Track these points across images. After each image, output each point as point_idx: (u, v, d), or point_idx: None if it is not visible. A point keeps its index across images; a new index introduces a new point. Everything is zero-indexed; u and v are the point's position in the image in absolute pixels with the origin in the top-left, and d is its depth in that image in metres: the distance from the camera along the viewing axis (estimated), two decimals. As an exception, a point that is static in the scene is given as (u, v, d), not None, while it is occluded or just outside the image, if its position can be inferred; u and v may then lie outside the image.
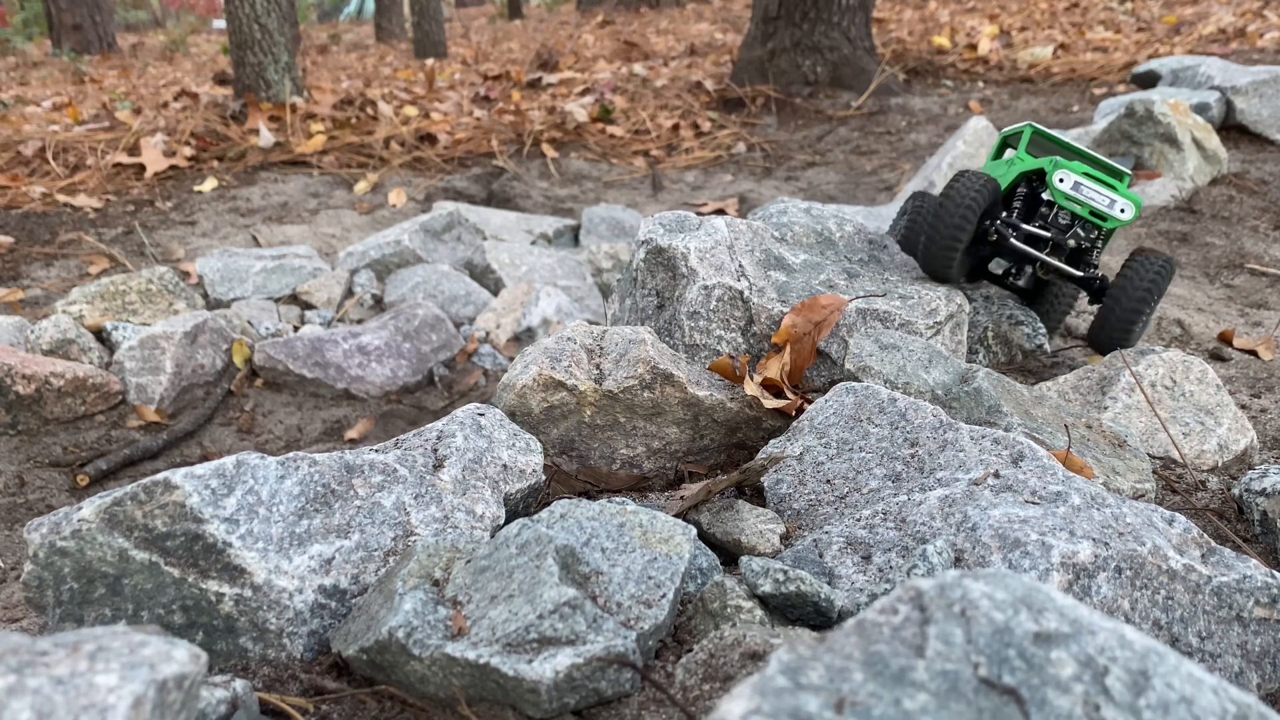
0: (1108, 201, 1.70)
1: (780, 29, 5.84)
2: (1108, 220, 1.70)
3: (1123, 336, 1.77)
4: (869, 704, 0.57)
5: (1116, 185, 1.73)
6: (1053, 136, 1.89)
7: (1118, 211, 1.70)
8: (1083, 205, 1.70)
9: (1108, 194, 1.70)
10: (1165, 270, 1.74)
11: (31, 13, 13.58)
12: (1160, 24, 6.84)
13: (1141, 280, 1.74)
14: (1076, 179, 1.71)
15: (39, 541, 1.09)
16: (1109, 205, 1.70)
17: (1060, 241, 1.74)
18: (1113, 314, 1.75)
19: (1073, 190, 1.70)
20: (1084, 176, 1.71)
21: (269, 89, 5.23)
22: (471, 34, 12.07)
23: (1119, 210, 1.70)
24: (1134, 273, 1.73)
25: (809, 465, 1.38)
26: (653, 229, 1.69)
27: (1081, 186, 1.71)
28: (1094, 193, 1.70)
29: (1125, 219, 1.70)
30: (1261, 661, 1.08)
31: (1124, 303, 1.73)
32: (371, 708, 0.99)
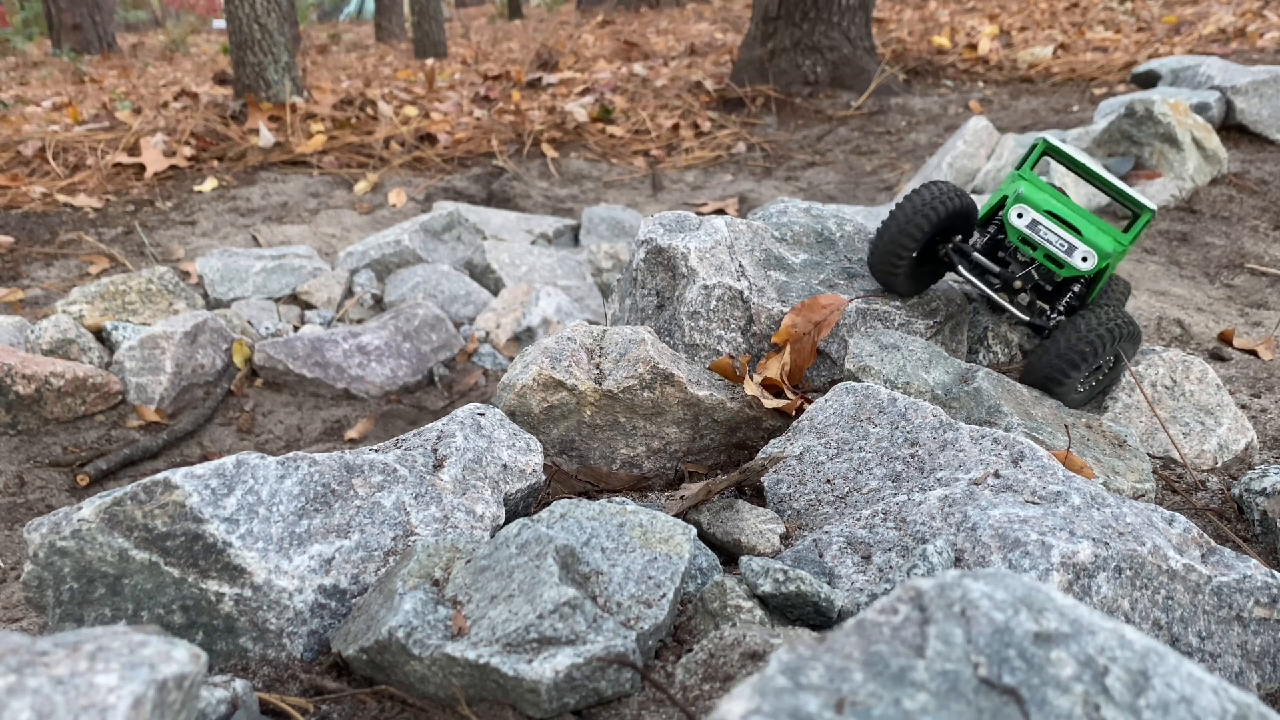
0: (1065, 247, 1.51)
1: (780, 29, 5.84)
2: (1064, 267, 1.52)
3: (1053, 378, 1.56)
4: (869, 704, 0.57)
5: (1084, 229, 1.53)
6: (1069, 156, 1.66)
7: (1077, 260, 1.51)
8: (1037, 247, 1.53)
9: (1067, 237, 1.51)
10: (1117, 330, 1.52)
11: (31, 13, 13.58)
12: (1160, 24, 6.84)
13: (1087, 330, 1.52)
14: (1035, 216, 1.53)
15: (39, 541, 1.09)
16: (1066, 251, 1.51)
17: (1008, 279, 1.58)
18: (1046, 353, 1.55)
19: (1028, 229, 1.53)
20: (1046, 215, 1.53)
21: (269, 89, 5.23)
22: (471, 34, 12.07)
23: (1079, 259, 1.51)
24: (1082, 321, 1.54)
25: (809, 465, 1.38)
26: (653, 229, 1.69)
27: (1039, 226, 1.53)
28: (1051, 234, 1.52)
29: (1084, 269, 1.51)
30: (1261, 661, 1.08)
31: (1059, 346, 1.53)
32: (371, 708, 0.99)
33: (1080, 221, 1.54)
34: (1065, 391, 1.57)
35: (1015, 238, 1.54)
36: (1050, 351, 1.54)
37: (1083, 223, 1.54)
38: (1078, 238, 1.51)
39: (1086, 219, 1.57)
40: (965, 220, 1.60)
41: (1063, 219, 1.53)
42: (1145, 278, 2.68)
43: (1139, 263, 2.80)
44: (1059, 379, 1.55)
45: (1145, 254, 2.88)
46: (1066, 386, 1.56)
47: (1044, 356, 1.55)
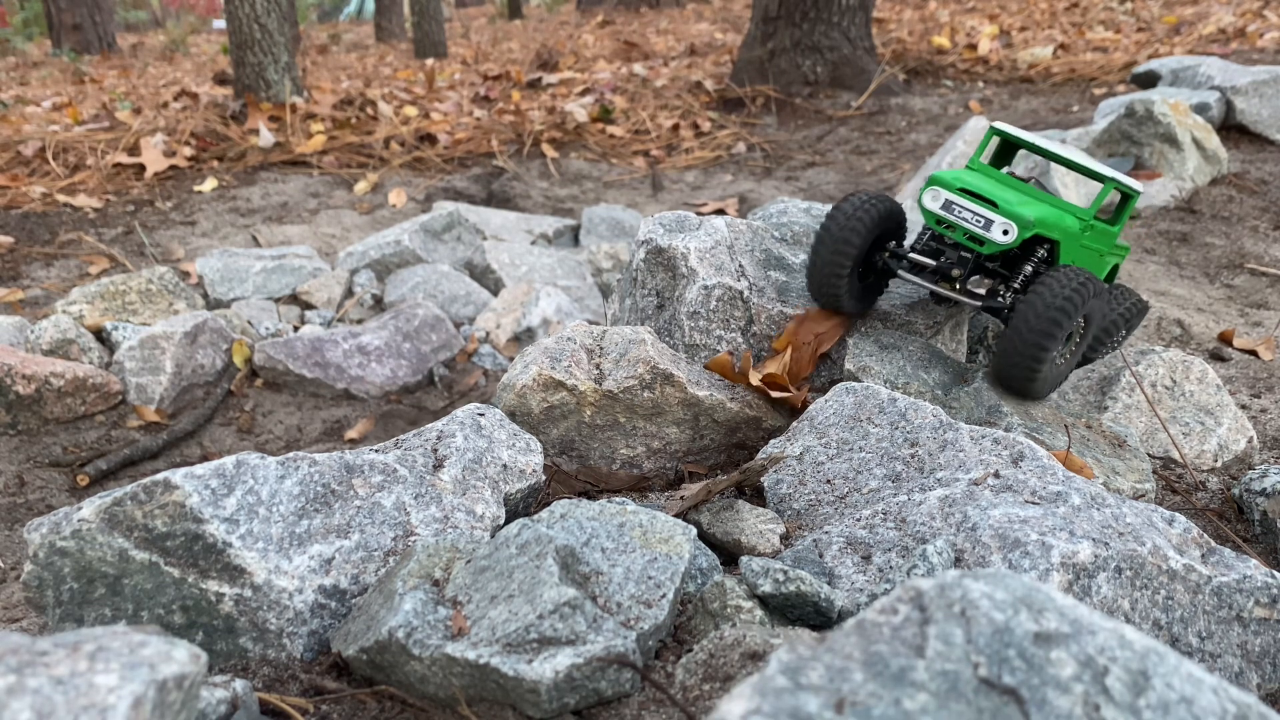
0: (981, 222, 1.43)
1: (780, 29, 5.84)
2: (985, 244, 1.44)
3: (1022, 377, 1.45)
4: (869, 704, 0.57)
5: (1002, 200, 1.43)
6: (1021, 139, 1.59)
7: (996, 234, 1.42)
8: (955, 228, 1.46)
9: (981, 212, 1.43)
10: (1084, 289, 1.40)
11: (31, 13, 13.58)
12: (1160, 24, 6.84)
13: (1053, 299, 1.39)
14: (948, 196, 1.46)
15: (39, 541, 1.09)
16: (983, 226, 1.43)
17: (944, 269, 1.51)
18: (1009, 346, 1.43)
19: (942, 210, 1.46)
20: (959, 193, 1.46)
21: (269, 89, 5.23)
22: (471, 34, 12.07)
23: (997, 232, 1.42)
24: (1046, 290, 1.40)
25: (809, 465, 1.38)
26: (653, 229, 1.69)
27: (953, 205, 1.46)
28: (965, 211, 1.44)
29: (1005, 241, 1.42)
30: (1261, 661, 1.08)
31: (1023, 333, 1.41)
32: (371, 708, 0.99)
33: (1001, 193, 1.45)
34: (1042, 371, 1.44)
35: (931, 221, 1.49)
36: (1011, 345, 1.42)
37: (1004, 194, 1.45)
38: (994, 210, 1.43)
39: (1012, 191, 1.49)
40: (895, 223, 1.56)
41: (979, 194, 1.45)
42: (1145, 278, 2.68)
43: (1139, 263, 2.80)
44: (1027, 376, 1.43)
45: (1145, 254, 2.88)
46: (1040, 383, 1.45)
47: (1012, 339, 1.42)
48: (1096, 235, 1.57)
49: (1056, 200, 1.53)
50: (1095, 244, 1.58)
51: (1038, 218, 1.43)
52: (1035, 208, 1.46)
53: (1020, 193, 1.52)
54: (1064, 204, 1.53)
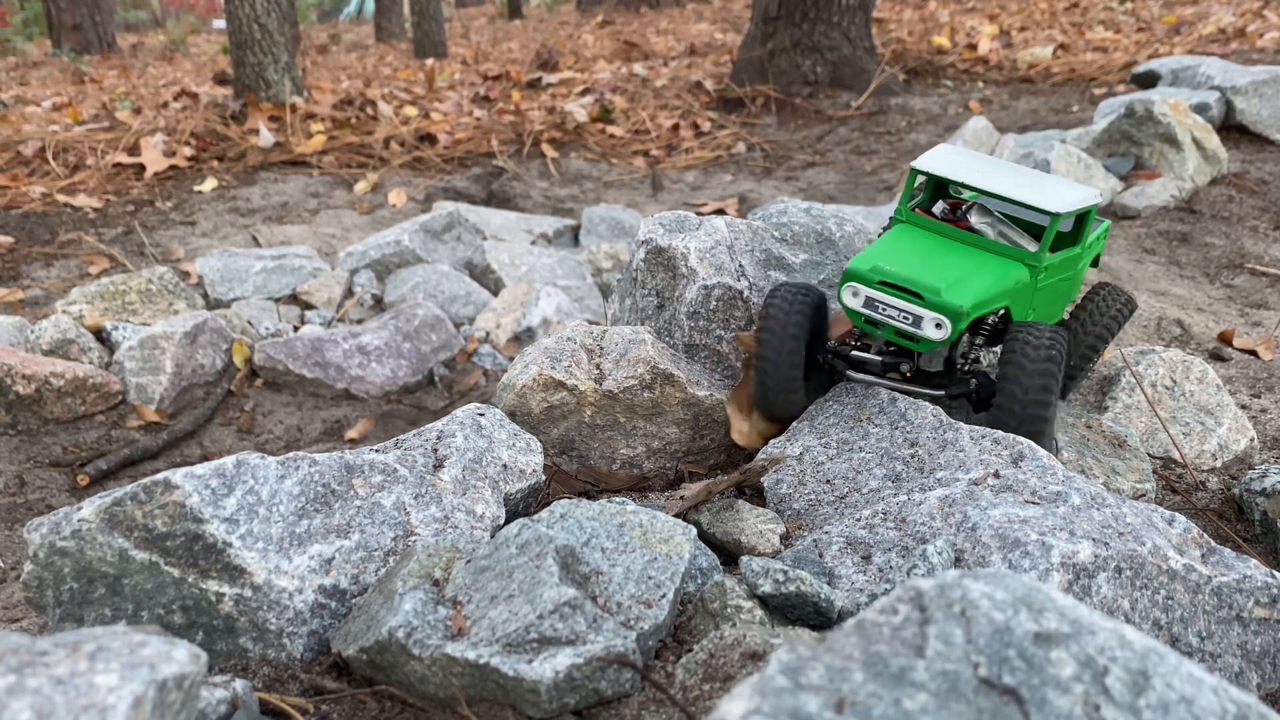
0: (909, 319, 1.27)
1: (780, 29, 5.84)
2: (920, 341, 1.29)
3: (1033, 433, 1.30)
4: (869, 704, 0.57)
5: (928, 289, 1.25)
6: (946, 179, 1.41)
7: (930, 330, 1.26)
8: (883, 326, 1.31)
9: (909, 309, 1.26)
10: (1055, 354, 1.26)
11: (31, 13, 13.58)
12: (1160, 24, 6.84)
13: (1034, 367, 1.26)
14: (869, 293, 1.29)
15: (39, 541, 1.09)
16: (913, 324, 1.27)
17: (891, 367, 1.38)
18: (1007, 425, 1.29)
19: (865, 309, 1.30)
20: (879, 288, 1.29)
21: (269, 89, 5.23)
22: (471, 34, 12.07)
23: (930, 328, 1.26)
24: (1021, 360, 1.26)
25: (809, 465, 1.38)
26: (653, 229, 1.69)
27: (876, 303, 1.29)
28: (891, 309, 1.28)
29: (938, 338, 1.26)
30: (1261, 661, 1.08)
31: (1016, 410, 1.28)
32: (371, 708, 0.99)
33: (927, 277, 1.27)
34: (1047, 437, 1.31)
35: (858, 322, 1.33)
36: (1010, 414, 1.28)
37: (931, 278, 1.27)
38: (921, 304, 1.26)
39: (941, 265, 1.31)
40: (823, 313, 1.42)
41: (901, 285, 1.28)
42: (1145, 278, 2.68)
43: (1139, 263, 2.80)
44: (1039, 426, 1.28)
45: (1145, 254, 2.88)
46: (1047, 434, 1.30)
47: (1008, 421, 1.28)
48: (1056, 269, 1.40)
49: (998, 246, 1.35)
50: (1058, 275, 1.43)
51: (974, 302, 1.26)
52: (970, 285, 1.28)
53: (953, 260, 1.33)
54: (1007, 250, 1.35)
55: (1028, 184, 1.37)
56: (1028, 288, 1.35)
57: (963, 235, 1.38)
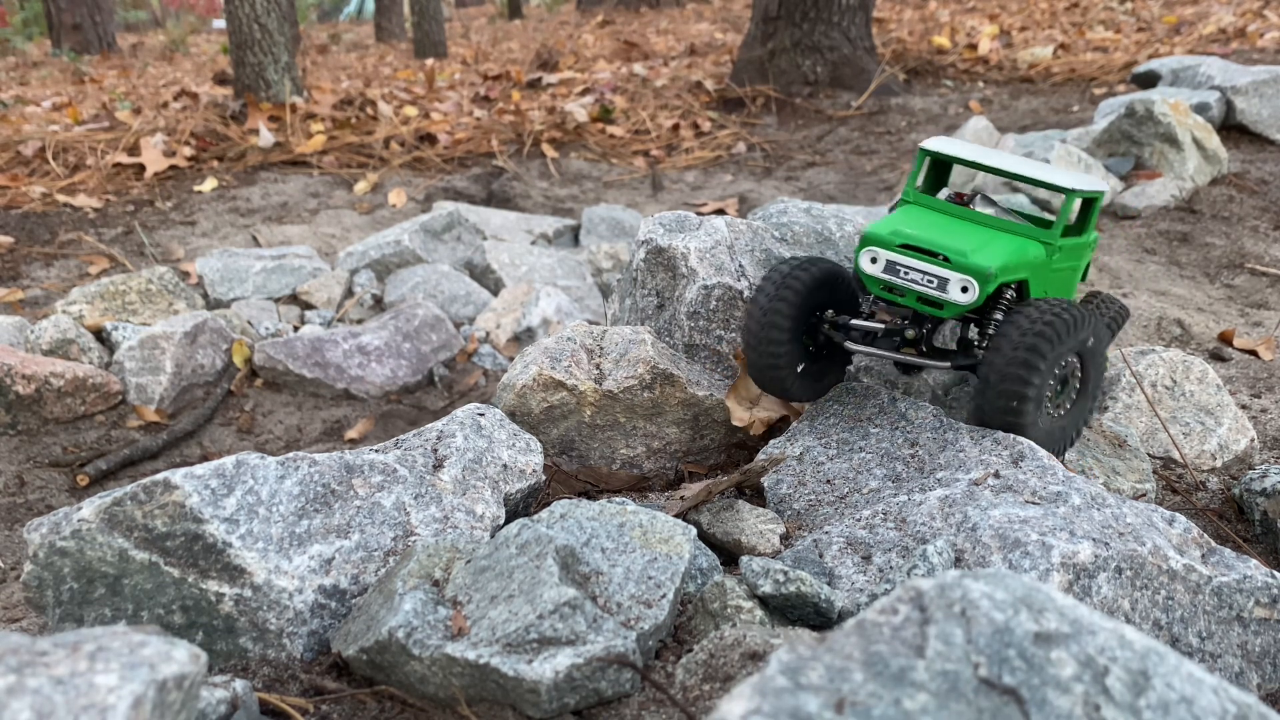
0: (935, 282, 1.23)
1: (780, 29, 5.84)
2: (945, 307, 1.24)
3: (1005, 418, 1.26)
4: (869, 704, 0.57)
5: (954, 251, 1.23)
6: (956, 156, 1.40)
7: (955, 294, 1.22)
8: (906, 292, 1.27)
9: (935, 271, 1.23)
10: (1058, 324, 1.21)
11: (31, 13, 13.58)
12: (1160, 24, 6.84)
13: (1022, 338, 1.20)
14: (889, 257, 1.26)
15: (39, 541, 1.09)
16: (938, 287, 1.23)
17: (900, 333, 1.33)
18: (985, 389, 1.25)
19: (885, 274, 1.27)
20: (901, 251, 1.26)
21: (269, 89, 5.23)
22: (471, 34, 12.06)
23: (956, 291, 1.22)
24: (1014, 328, 1.22)
25: (809, 465, 1.38)
26: (653, 229, 1.69)
27: (898, 267, 1.26)
28: (914, 273, 1.25)
29: (967, 300, 1.22)
30: (1262, 661, 1.08)
31: (993, 379, 1.23)
32: (371, 708, 0.99)
33: (951, 241, 1.25)
34: (1029, 417, 1.24)
35: (876, 289, 1.29)
36: (992, 369, 1.22)
37: (955, 242, 1.25)
38: (946, 265, 1.23)
39: (963, 232, 1.30)
40: (839, 286, 1.38)
41: (925, 248, 1.25)
42: (1145, 278, 2.68)
43: (1139, 263, 2.80)
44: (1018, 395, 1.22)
45: (1145, 254, 2.88)
46: (1029, 406, 1.23)
47: (987, 381, 1.24)
48: (1067, 254, 1.40)
49: (1011, 225, 1.34)
50: (1068, 262, 1.41)
51: (1000, 265, 1.24)
52: (994, 250, 1.26)
53: (972, 230, 1.32)
54: (1021, 228, 1.34)
55: (1038, 167, 1.38)
56: (1044, 265, 1.34)
57: (975, 215, 1.36)
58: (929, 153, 1.41)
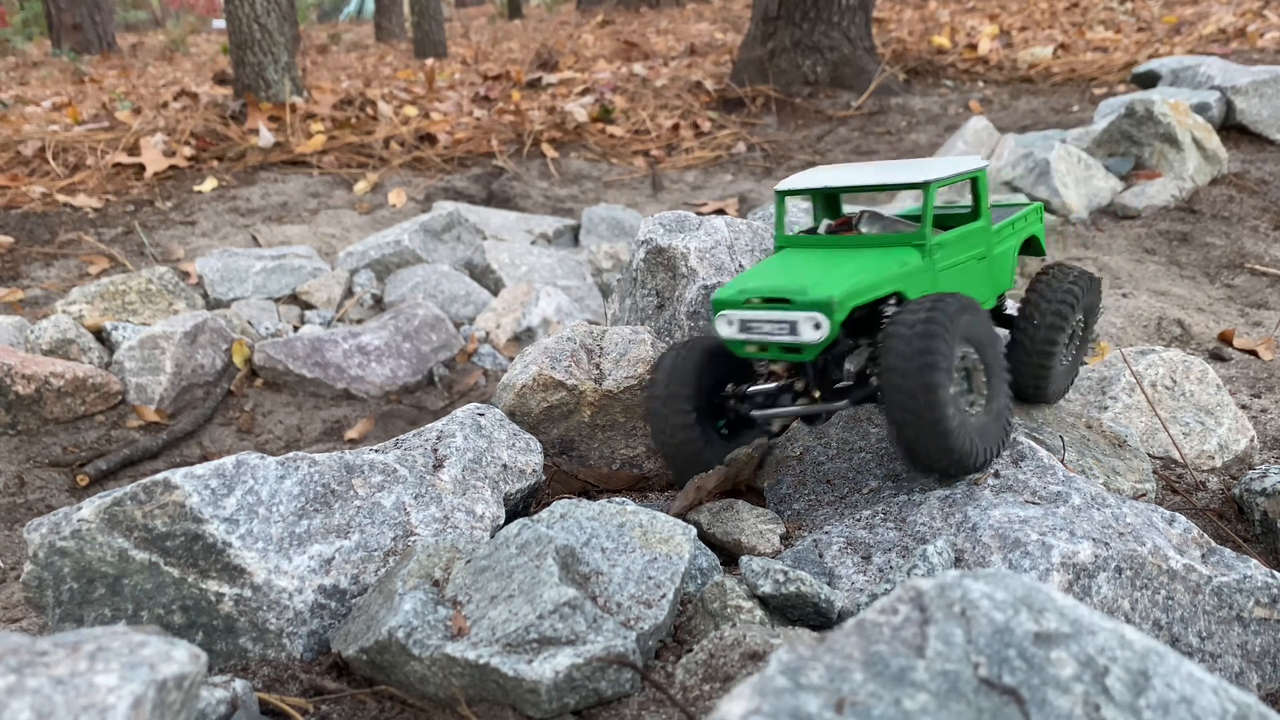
0: (785, 328, 1.19)
1: (780, 29, 5.84)
2: (805, 349, 1.19)
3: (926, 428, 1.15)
4: (869, 704, 0.57)
5: (796, 290, 1.18)
6: (813, 189, 1.35)
7: (808, 333, 1.17)
8: (765, 345, 1.22)
9: (781, 317, 1.18)
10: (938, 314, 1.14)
11: (31, 13, 13.58)
12: (1160, 24, 6.84)
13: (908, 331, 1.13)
14: (741, 316, 1.22)
15: (39, 541, 1.09)
16: (790, 331, 1.18)
17: (794, 385, 1.30)
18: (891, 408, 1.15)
19: (741, 333, 1.22)
20: (748, 308, 1.22)
21: (269, 89, 5.23)
22: (471, 34, 12.07)
23: (809, 330, 1.17)
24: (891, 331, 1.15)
25: (809, 465, 1.38)
26: (653, 229, 1.69)
27: (750, 324, 1.21)
28: (765, 324, 1.20)
29: (821, 337, 1.16)
30: (1261, 661, 1.08)
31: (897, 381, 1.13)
32: (371, 708, 0.99)
33: (793, 281, 1.21)
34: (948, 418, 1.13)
35: (740, 351, 1.24)
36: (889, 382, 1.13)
37: (797, 281, 1.21)
38: (790, 308, 1.18)
39: (812, 268, 1.25)
40: (728, 356, 1.34)
41: (769, 297, 1.21)
42: (1145, 278, 2.68)
43: (1139, 263, 2.80)
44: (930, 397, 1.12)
45: (1145, 254, 2.88)
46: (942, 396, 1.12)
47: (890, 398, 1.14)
48: (956, 246, 1.32)
49: (883, 238, 1.30)
50: (964, 253, 1.34)
51: (845, 291, 1.18)
52: (836, 278, 1.21)
53: (823, 263, 1.27)
54: (888, 239, 1.30)
55: (897, 169, 1.34)
56: (922, 270, 1.27)
57: (846, 240, 1.32)
58: (783, 193, 1.38)
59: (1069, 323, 1.39)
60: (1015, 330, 1.40)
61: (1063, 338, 1.39)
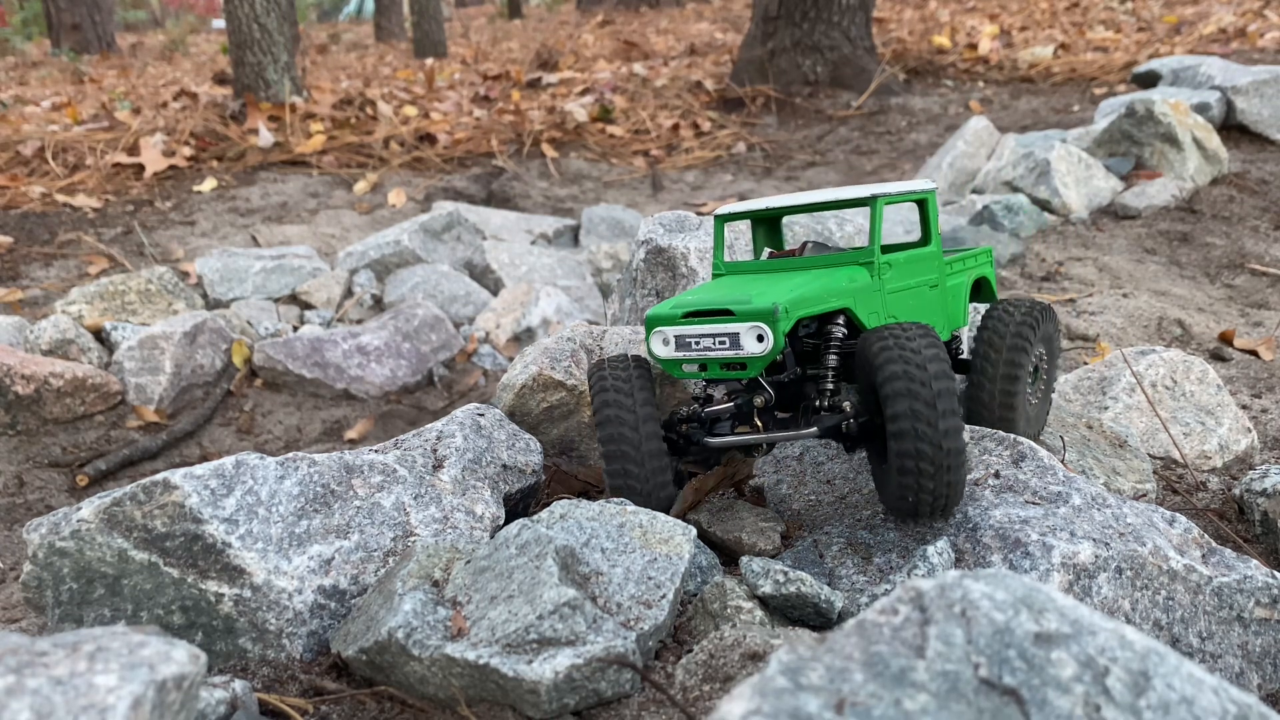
0: (725, 341, 1.11)
1: (780, 29, 5.84)
2: (748, 364, 1.11)
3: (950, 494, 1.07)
4: (869, 704, 0.57)
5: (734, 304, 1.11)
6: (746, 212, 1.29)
7: (751, 344, 1.09)
8: (704, 363, 1.14)
9: (721, 330, 1.11)
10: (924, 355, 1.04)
11: (31, 12, 13.58)
12: (1161, 24, 6.84)
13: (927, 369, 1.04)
14: (676, 331, 1.14)
15: (38, 542, 1.09)
16: (731, 345, 1.11)
17: (743, 407, 1.19)
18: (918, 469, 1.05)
19: (679, 352, 1.14)
20: (685, 322, 1.14)
21: (268, 89, 5.23)
22: (471, 34, 12.06)
23: (752, 341, 1.09)
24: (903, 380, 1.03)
25: (809, 465, 1.38)
26: (653, 229, 1.69)
27: (687, 340, 1.13)
28: (704, 339, 1.12)
29: (765, 349, 1.09)
30: (1262, 662, 1.08)
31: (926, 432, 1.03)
32: (371, 708, 0.99)
33: (735, 294, 1.14)
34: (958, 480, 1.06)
35: (675, 372, 1.17)
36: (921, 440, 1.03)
37: (739, 293, 1.14)
38: (730, 319, 1.11)
39: (755, 283, 1.19)
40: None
41: (707, 310, 1.13)
42: (1145, 278, 2.68)
43: (1139, 263, 2.80)
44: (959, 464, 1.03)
45: (1146, 254, 2.88)
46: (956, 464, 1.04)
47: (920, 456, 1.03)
48: (905, 269, 1.25)
49: (830, 258, 1.24)
50: (913, 278, 1.27)
51: (790, 300, 1.10)
52: (782, 289, 1.13)
53: (765, 279, 1.21)
54: (834, 257, 1.24)
55: (842, 190, 1.29)
56: (870, 288, 1.20)
57: (791, 263, 1.26)
58: (722, 218, 1.31)
59: (1028, 359, 1.28)
60: (973, 374, 1.29)
61: (1024, 375, 1.28)
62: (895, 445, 1.04)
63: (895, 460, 1.05)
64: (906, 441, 1.03)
